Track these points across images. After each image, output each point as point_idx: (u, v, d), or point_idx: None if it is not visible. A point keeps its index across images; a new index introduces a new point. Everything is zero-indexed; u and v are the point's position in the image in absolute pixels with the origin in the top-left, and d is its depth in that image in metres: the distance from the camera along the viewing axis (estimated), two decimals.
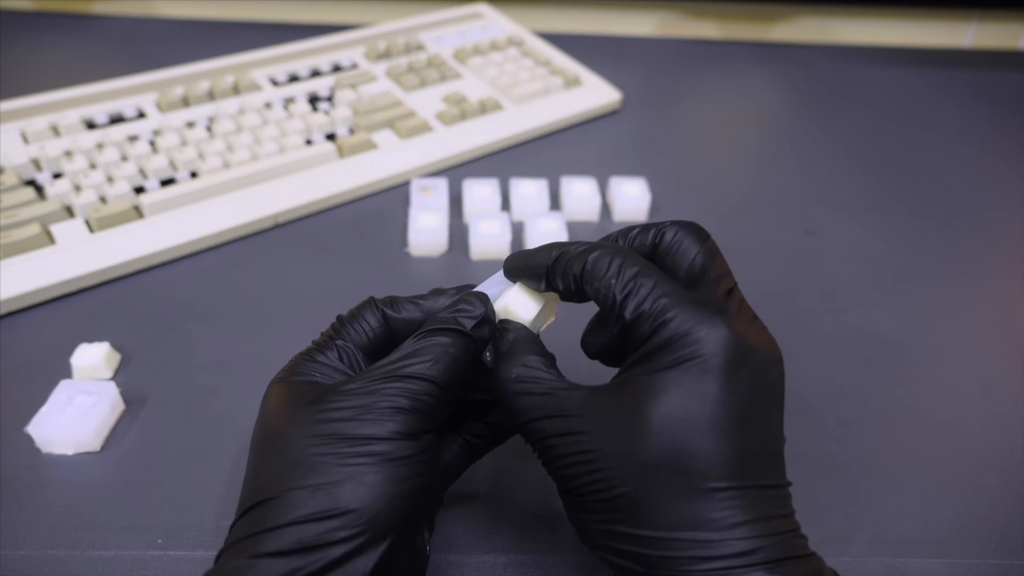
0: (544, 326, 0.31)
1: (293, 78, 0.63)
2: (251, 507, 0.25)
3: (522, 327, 0.30)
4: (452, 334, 0.28)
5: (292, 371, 0.29)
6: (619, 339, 0.27)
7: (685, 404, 0.24)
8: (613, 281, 0.26)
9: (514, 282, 0.31)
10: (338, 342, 0.29)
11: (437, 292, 0.31)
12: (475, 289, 0.31)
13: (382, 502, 0.24)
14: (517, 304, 0.30)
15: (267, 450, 0.26)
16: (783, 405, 0.26)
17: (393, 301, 0.31)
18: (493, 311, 0.30)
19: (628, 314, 0.26)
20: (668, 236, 0.28)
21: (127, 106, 0.58)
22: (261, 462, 0.26)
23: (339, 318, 0.31)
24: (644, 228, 0.29)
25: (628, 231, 0.29)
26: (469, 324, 0.28)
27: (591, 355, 0.30)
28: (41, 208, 0.47)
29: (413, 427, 0.26)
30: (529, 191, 0.53)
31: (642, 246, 0.29)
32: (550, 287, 0.29)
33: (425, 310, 0.31)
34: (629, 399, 0.25)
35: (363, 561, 0.24)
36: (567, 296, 0.29)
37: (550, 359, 0.28)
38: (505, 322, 0.30)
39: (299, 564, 0.23)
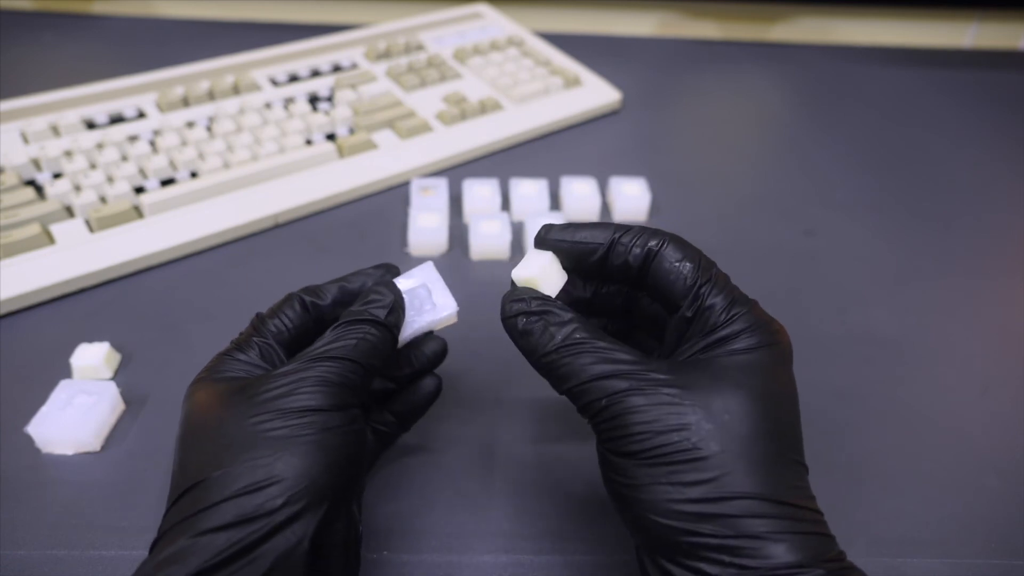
0: None
1: (293, 78, 0.63)
2: (184, 492, 0.26)
3: (546, 309, 0.29)
4: (368, 323, 0.30)
5: (214, 370, 0.30)
6: (684, 321, 0.28)
7: (776, 381, 0.26)
8: (696, 263, 0.28)
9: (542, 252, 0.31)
10: (257, 339, 0.31)
11: (360, 273, 0.34)
12: (403, 276, 0.33)
13: (317, 469, 0.26)
14: (558, 275, 0.30)
15: (197, 438, 0.27)
16: None
17: (315, 289, 0.33)
18: (402, 298, 0.32)
19: (708, 298, 0.27)
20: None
21: (127, 106, 0.58)
22: (191, 451, 0.27)
23: (258, 315, 0.32)
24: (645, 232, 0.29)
25: (625, 228, 0.30)
26: (382, 313, 0.30)
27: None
28: (41, 208, 0.47)
29: (341, 399, 0.27)
30: (529, 191, 0.53)
31: (639, 249, 0.29)
32: (601, 262, 0.29)
33: (348, 291, 0.33)
34: (722, 372, 0.26)
35: (303, 525, 0.25)
36: (621, 273, 0.29)
37: (595, 327, 0.28)
38: (551, 304, 0.29)
39: (241, 535, 0.24)
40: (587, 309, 0.32)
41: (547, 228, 0.30)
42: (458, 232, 0.51)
